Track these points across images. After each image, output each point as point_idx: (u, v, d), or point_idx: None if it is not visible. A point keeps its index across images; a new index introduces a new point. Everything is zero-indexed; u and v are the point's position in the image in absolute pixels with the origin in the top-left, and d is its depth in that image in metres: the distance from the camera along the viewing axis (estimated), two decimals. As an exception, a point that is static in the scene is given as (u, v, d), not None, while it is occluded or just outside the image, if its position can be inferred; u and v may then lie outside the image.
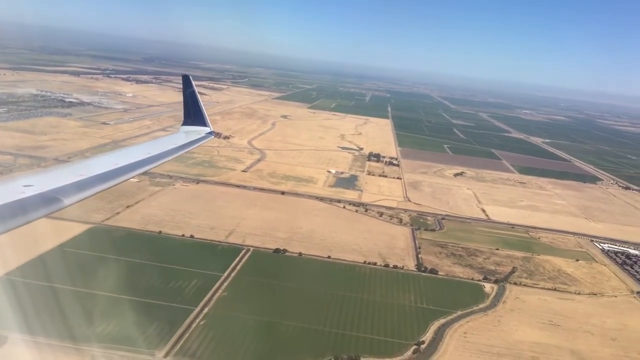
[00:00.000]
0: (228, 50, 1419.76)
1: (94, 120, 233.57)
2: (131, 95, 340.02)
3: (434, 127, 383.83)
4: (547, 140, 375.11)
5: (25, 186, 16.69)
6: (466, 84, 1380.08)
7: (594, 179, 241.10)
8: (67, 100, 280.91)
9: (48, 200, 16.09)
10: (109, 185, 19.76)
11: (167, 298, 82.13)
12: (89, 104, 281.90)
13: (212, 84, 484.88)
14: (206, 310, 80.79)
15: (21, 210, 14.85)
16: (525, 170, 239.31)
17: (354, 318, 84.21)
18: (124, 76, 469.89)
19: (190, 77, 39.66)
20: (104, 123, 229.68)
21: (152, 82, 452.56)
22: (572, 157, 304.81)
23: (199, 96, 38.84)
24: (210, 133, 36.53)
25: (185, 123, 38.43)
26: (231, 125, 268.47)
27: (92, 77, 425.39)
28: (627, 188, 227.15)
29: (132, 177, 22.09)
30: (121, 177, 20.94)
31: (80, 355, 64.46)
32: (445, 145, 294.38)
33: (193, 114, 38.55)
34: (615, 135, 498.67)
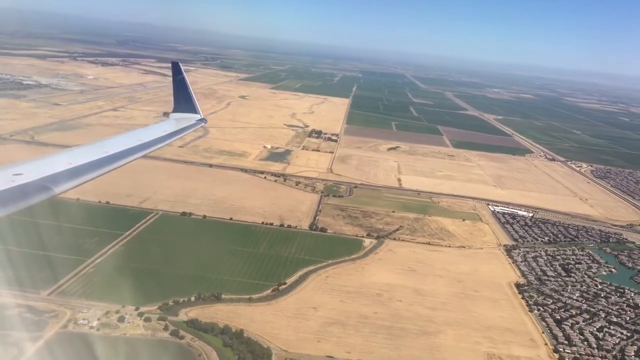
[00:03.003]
0: (213, 33, 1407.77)
1: (46, 102, 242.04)
2: (92, 77, 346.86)
3: (391, 106, 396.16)
4: (500, 117, 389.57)
5: (15, 175, 16.72)
6: (450, 64, 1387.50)
7: (525, 152, 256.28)
8: (25, 82, 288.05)
9: (38, 189, 16.14)
10: (100, 173, 19.91)
11: (64, 251, 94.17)
12: (46, 86, 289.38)
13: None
14: (98, 260, 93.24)
15: (11, 198, 14.88)
16: (461, 145, 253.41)
17: (230, 265, 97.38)
18: (91, 59, 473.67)
19: (180, 63, 38.92)
20: (56, 104, 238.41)
21: (118, 65, 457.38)
22: (515, 132, 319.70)
23: (189, 83, 38.17)
24: (201, 120, 36.00)
25: (175, 110, 37.65)
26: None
27: (57, 60, 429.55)
28: (552, 160, 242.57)
29: (123, 165, 22.15)
30: (111, 165, 21.09)
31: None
32: (393, 123, 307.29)
33: (183, 100, 37.80)
34: (575, 112, 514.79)
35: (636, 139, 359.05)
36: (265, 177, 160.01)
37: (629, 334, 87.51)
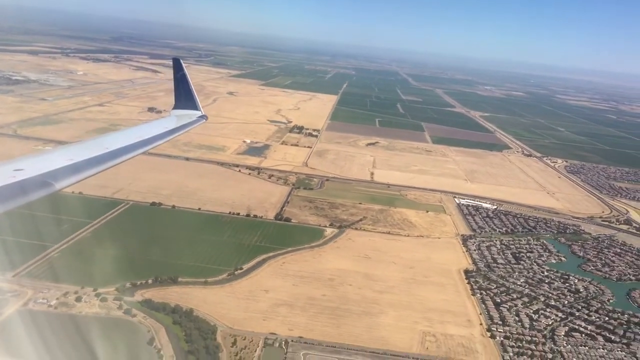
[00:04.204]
0: (212, 30, 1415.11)
1: (33, 97, 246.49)
2: (82, 73, 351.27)
3: (378, 103, 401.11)
4: (486, 114, 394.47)
5: (15, 170, 16.76)
6: (448, 62, 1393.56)
7: (503, 148, 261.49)
8: (14, 78, 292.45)
9: (39, 184, 16.21)
10: (100, 169, 19.87)
11: (32, 238, 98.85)
12: (35, 81, 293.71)
13: (170, 62, 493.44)
14: (65, 246, 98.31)
15: (12, 194, 14.91)
16: (440, 141, 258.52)
17: (191, 252, 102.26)
18: (84, 55, 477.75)
19: (181, 60, 39.48)
20: (43, 99, 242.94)
21: (110, 61, 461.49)
22: (497, 129, 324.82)
23: (190, 79, 38.31)
24: (202, 117, 35.89)
25: (176, 107, 37.78)
26: (170, 101, 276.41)
27: (49, 56, 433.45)
28: (529, 155, 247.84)
29: (123, 161, 22.12)
30: (112, 161, 21.04)
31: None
32: (377, 119, 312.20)
33: (184, 97, 37.95)
34: (563, 109, 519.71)
35: (618, 136, 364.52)
36: (239, 170, 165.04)
37: (563, 316, 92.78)
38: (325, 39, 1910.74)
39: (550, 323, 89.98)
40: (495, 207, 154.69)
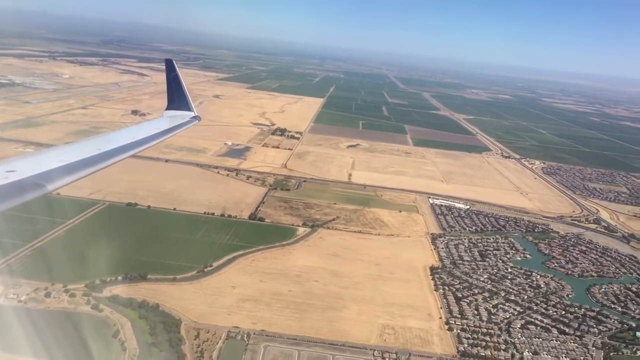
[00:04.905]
0: (204, 33, 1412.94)
1: (17, 100, 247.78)
2: (68, 76, 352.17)
3: (364, 106, 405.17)
4: (470, 117, 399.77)
5: (7, 172, 16.64)
6: (439, 66, 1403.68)
7: (483, 150, 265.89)
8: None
9: (31, 186, 16.08)
10: (93, 170, 19.84)
11: (7, 236, 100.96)
12: (20, 84, 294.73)
13: (158, 65, 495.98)
14: (39, 244, 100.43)
15: (3, 195, 14.77)
16: (421, 143, 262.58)
17: (163, 250, 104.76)
18: (71, 58, 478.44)
19: (174, 61, 39.46)
20: (27, 102, 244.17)
21: (97, 64, 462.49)
22: (480, 132, 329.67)
23: (182, 80, 38.38)
24: (195, 117, 36.00)
25: (169, 107, 37.83)
26: (155, 103, 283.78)
27: (36, 60, 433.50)
28: (508, 157, 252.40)
29: (115, 162, 22.17)
30: (105, 162, 21.02)
31: None
32: (360, 122, 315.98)
33: (177, 98, 37.93)
34: (547, 112, 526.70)
35: (599, 138, 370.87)
36: (218, 172, 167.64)
37: (521, 310, 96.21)
38: (319, 43, 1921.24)
39: (507, 316, 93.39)
40: (468, 207, 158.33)
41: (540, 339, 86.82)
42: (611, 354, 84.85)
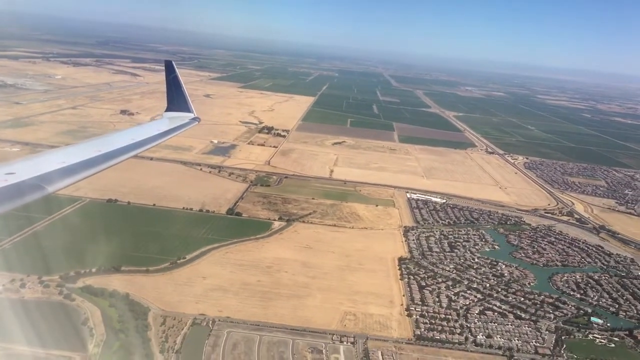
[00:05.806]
0: (201, 34, 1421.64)
1: (8, 100, 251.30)
2: (60, 77, 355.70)
3: (355, 104, 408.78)
4: (460, 114, 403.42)
5: (7, 174, 16.61)
6: (436, 64, 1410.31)
7: (468, 146, 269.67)
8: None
9: (31, 188, 16.16)
10: (93, 171, 19.98)
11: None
12: (11, 85, 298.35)
13: (152, 66, 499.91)
14: (17, 239, 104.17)
15: (3, 197, 14.76)
16: (407, 139, 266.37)
17: (138, 243, 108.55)
18: (65, 59, 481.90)
19: (173, 62, 39.43)
20: (17, 103, 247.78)
21: (91, 65, 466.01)
22: (468, 128, 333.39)
23: (182, 82, 38.46)
24: (195, 119, 36.17)
25: (168, 109, 37.95)
26: (145, 103, 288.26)
27: (29, 61, 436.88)
28: (492, 153, 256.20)
29: (116, 164, 22.15)
30: (104, 164, 21.18)
31: None
32: (349, 120, 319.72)
33: (176, 99, 38.08)
34: (539, 108, 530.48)
35: (586, 133, 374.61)
36: (201, 169, 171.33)
37: (481, 297, 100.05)
38: (318, 42, 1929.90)
39: (467, 303, 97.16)
40: (444, 201, 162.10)
41: (496, 324, 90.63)
42: (563, 337, 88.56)
